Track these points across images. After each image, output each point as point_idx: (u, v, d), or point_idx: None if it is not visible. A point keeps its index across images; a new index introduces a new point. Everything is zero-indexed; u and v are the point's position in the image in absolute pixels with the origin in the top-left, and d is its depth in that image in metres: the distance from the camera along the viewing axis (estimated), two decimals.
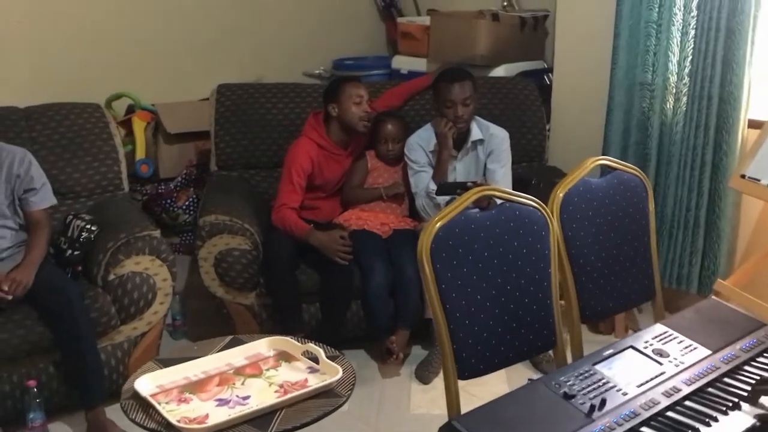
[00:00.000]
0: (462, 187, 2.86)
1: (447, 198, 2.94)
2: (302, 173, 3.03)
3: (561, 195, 2.02)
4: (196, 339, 3.19)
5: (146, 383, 1.94)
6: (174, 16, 4.09)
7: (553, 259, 1.94)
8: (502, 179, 3.10)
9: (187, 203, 3.90)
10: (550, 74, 3.85)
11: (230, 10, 4.29)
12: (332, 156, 3.14)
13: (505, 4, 4.15)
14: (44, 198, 2.73)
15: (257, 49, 4.41)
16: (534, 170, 3.50)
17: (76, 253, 2.75)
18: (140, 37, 3.97)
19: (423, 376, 2.89)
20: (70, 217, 2.83)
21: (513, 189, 3.05)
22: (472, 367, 1.82)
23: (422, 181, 3.09)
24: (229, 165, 3.43)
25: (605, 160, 2.17)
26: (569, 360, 1.98)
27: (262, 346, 2.16)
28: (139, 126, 3.91)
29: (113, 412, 2.45)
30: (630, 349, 1.73)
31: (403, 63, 4.30)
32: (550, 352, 1.98)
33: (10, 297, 2.46)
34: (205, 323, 3.26)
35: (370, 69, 4.49)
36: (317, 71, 4.61)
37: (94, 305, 2.60)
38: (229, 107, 3.44)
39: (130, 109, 4.01)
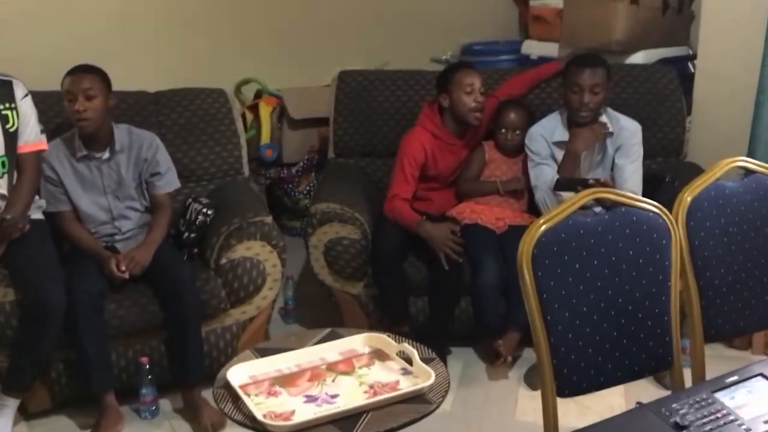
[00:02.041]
0: (582, 184, 2.67)
1: (571, 194, 2.75)
2: (415, 163, 2.94)
3: (689, 199, 1.81)
4: (306, 325, 3.25)
5: (239, 373, 1.94)
6: (302, 2, 4.11)
7: (674, 271, 1.74)
8: (630, 176, 2.87)
9: (308, 188, 3.94)
10: (694, 61, 3.52)
11: None
12: (447, 146, 3.03)
13: None
14: (169, 182, 2.82)
15: (384, 34, 4.35)
16: (670, 167, 3.21)
17: (192, 235, 2.83)
18: (269, 23, 4.03)
19: (533, 382, 2.74)
20: (190, 200, 2.92)
21: (644, 186, 2.89)
22: (574, 384, 1.67)
23: (543, 174, 2.91)
24: (346, 152, 3.41)
25: (744, 162, 1.92)
26: (688, 383, 1.78)
27: (358, 343, 2.11)
28: (265, 111, 3.99)
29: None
30: (760, 378, 1.52)
31: (533, 48, 4.11)
32: None
33: (127, 275, 2.57)
34: (316, 309, 3.27)
35: (498, 54, 4.34)
36: (444, 57, 4.50)
37: (206, 287, 2.66)
38: (349, 94, 3.41)
39: (258, 94, 4.09)
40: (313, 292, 3.33)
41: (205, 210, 2.82)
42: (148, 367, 2.58)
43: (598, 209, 1.75)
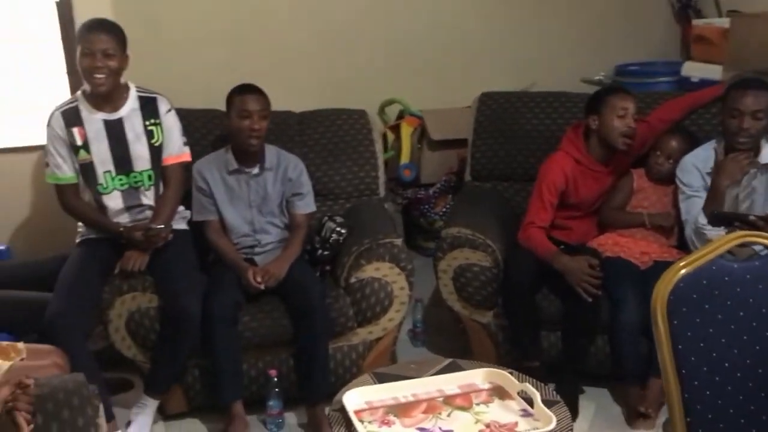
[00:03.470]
0: (742, 220, 2.44)
1: (720, 231, 2.51)
2: (554, 190, 2.82)
3: None
4: (434, 349, 3.20)
5: (355, 397, 1.93)
6: (446, 24, 4.09)
7: None
8: None
9: (444, 210, 3.89)
10: None
11: (501, 15, 4.18)
12: (590, 173, 2.88)
13: None
14: (308, 204, 2.91)
15: (531, 54, 4.23)
16: None
17: (325, 253, 2.88)
18: (413, 45, 4.04)
19: None
20: (326, 218, 2.98)
21: None
22: None
23: (695, 207, 2.69)
24: (483, 176, 3.33)
25: None
26: None
27: (478, 377, 2.03)
28: (406, 131, 4.00)
29: None
30: None
31: (694, 70, 3.81)
32: None
33: (262, 287, 2.65)
34: (445, 334, 3.22)
35: (656, 76, 4.07)
36: (597, 77, 4.29)
37: (335, 305, 2.69)
38: (489, 116, 3.34)
39: (401, 115, 4.11)
40: (443, 317, 3.28)
41: (339, 229, 2.87)
42: (276, 379, 2.63)
43: (759, 248, 1.55)
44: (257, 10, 3.77)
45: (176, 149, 2.80)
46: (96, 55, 2.54)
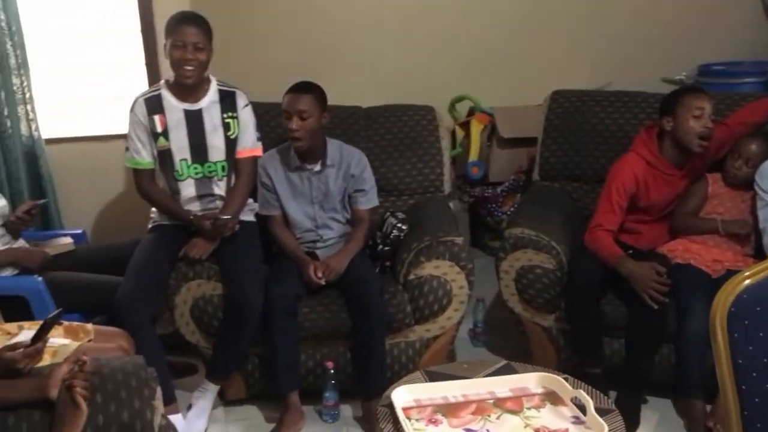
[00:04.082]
0: None
1: None
2: (623, 192, 2.73)
3: None
4: (494, 350, 3.16)
5: (404, 394, 1.93)
6: (519, 21, 4.02)
7: None
8: None
9: (511, 209, 3.83)
10: None
11: (578, 13, 4.07)
12: (663, 175, 2.77)
13: None
14: (370, 200, 2.91)
15: (608, 52, 4.10)
16: None
17: (386, 248, 2.88)
18: (485, 42, 3.99)
19: None
20: (387, 213, 2.98)
21: None
22: None
23: None
24: (552, 175, 3.26)
25: None
26: None
27: (531, 381, 1.99)
28: (476, 128, 3.96)
29: None
30: None
31: None
32: None
33: (323, 282, 2.68)
34: (505, 336, 3.17)
35: (742, 76, 3.89)
36: (678, 77, 4.13)
37: (392, 301, 2.69)
38: (560, 114, 3.26)
39: (471, 112, 4.07)
40: (504, 318, 3.23)
41: (400, 225, 2.86)
42: (333, 371, 2.66)
43: None
44: (329, 5, 3.80)
45: (250, 143, 2.86)
46: (187, 47, 2.63)
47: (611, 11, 4.08)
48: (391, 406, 1.88)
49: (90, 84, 3.56)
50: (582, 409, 1.85)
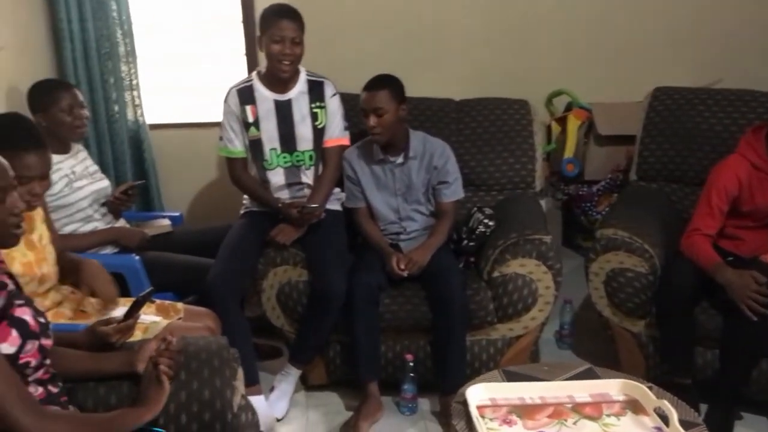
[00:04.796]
0: None
1: None
2: (725, 196, 2.59)
3: None
4: (580, 354, 3.08)
5: (480, 392, 1.90)
6: (620, 13, 3.86)
7: None
8: None
9: (607, 209, 3.70)
10: None
11: (684, 3, 3.86)
12: None
13: None
14: (455, 192, 2.88)
15: (718, 48, 3.88)
16: None
17: (471, 244, 2.85)
18: (585, 34, 3.85)
19: None
20: (474, 209, 2.94)
21: None
22: None
23: None
24: (651, 176, 3.13)
25: None
26: None
27: (613, 388, 1.92)
28: (573, 124, 3.84)
29: None
30: None
31: None
32: None
33: (405, 274, 2.68)
34: (593, 340, 3.08)
35: None
36: None
37: (475, 297, 2.66)
38: (661, 112, 3.12)
39: (569, 107, 3.96)
40: (593, 321, 3.13)
41: (486, 221, 2.82)
42: (412, 364, 2.66)
43: None
44: None
45: (337, 132, 2.89)
46: (286, 42, 2.69)
47: (721, 2, 3.86)
48: (465, 404, 1.86)
49: (192, 72, 3.69)
50: (665, 420, 1.77)
